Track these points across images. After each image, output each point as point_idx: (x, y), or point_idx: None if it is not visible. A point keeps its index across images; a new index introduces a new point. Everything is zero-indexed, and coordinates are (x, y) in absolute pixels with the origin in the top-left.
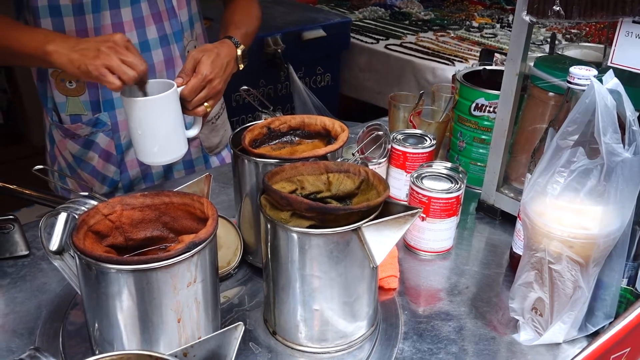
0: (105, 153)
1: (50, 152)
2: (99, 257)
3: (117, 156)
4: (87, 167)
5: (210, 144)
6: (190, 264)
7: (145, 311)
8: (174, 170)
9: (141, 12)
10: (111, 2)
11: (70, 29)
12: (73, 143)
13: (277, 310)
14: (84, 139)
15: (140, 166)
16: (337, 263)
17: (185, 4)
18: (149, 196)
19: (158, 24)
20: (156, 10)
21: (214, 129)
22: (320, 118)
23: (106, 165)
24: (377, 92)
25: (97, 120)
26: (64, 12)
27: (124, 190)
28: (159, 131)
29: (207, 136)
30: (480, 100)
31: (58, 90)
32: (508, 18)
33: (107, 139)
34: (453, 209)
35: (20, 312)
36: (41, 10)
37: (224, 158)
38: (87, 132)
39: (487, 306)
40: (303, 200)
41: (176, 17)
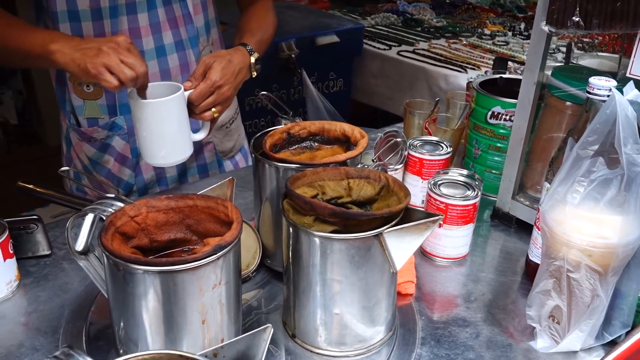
0: (120, 156)
1: (67, 154)
2: (128, 258)
3: (132, 160)
4: (102, 170)
5: (224, 148)
6: (216, 267)
7: (171, 312)
8: (188, 175)
9: (157, 17)
10: (128, 8)
11: (89, 34)
12: (89, 146)
13: (297, 314)
14: (100, 142)
15: (155, 170)
16: (358, 268)
17: (201, 9)
18: (174, 199)
19: (174, 30)
20: (172, 15)
21: (227, 134)
22: (340, 124)
23: (122, 168)
24: (389, 97)
25: (113, 123)
26: (82, 17)
27: (138, 194)
28: (164, 133)
29: (220, 140)
30: (496, 109)
31: (75, 94)
32: (520, 26)
33: (123, 142)
34: (470, 216)
35: (43, 311)
36: (60, 15)
37: (238, 162)
38: (103, 135)
39: (503, 313)
40: (327, 206)
41: (192, 23)
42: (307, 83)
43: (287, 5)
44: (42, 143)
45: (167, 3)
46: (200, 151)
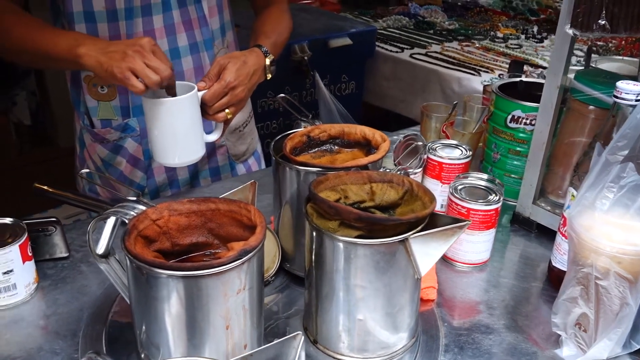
0: (133, 158)
1: (80, 155)
2: (152, 262)
3: (144, 162)
4: (114, 172)
5: (236, 151)
6: (240, 272)
7: (195, 317)
8: (200, 177)
9: (172, 19)
10: (144, 10)
11: (104, 35)
12: (102, 147)
13: (319, 319)
14: (112, 143)
15: (167, 172)
16: (382, 273)
17: (217, 12)
18: (196, 202)
19: (189, 32)
20: (187, 17)
21: (241, 137)
22: (360, 127)
23: (133, 170)
24: (401, 100)
25: (126, 125)
26: (98, 19)
27: (150, 197)
28: (176, 133)
29: (233, 144)
30: (516, 112)
31: (90, 95)
32: (533, 29)
33: (135, 144)
34: (492, 221)
35: (62, 314)
36: (76, 16)
37: (251, 166)
38: (115, 137)
39: (526, 320)
40: (352, 210)
41: (207, 25)
42: (319, 85)
43: (298, 8)
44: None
45: (183, 5)
46: (212, 154)
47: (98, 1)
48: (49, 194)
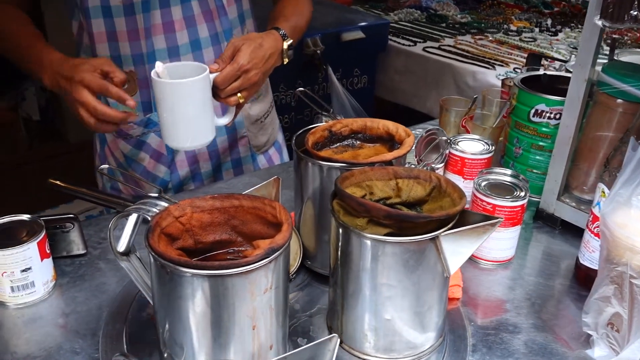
0: (156, 153)
1: (100, 152)
2: (178, 261)
3: (167, 156)
4: (138, 168)
5: (257, 142)
6: (267, 270)
7: (221, 317)
8: (222, 169)
9: (192, 10)
10: (162, 1)
11: (121, 29)
12: (125, 143)
13: (345, 318)
14: (135, 139)
15: (190, 165)
16: (412, 272)
17: (234, 0)
18: (219, 199)
19: (209, 23)
20: (207, 8)
21: (262, 128)
22: (383, 122)
23: (157, 165)
24: (414, 94)
25: (148, 120)
26: (115, 13)
27: (173, 191)
28: (185, 116)
29: (255, 135)
30: (540, 106)
31: None
32: (547, 22)
33: (158, 139)
34: (517, 217)
35: (81, 312)
36: (92, 11)
37: (271, 156)
38: (138, 132)
39: (555, 319)
40: (382, 207)
41: (226, 15)
42: (332, 79)
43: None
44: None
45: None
46: (234, 145)
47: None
48: (63, 189)
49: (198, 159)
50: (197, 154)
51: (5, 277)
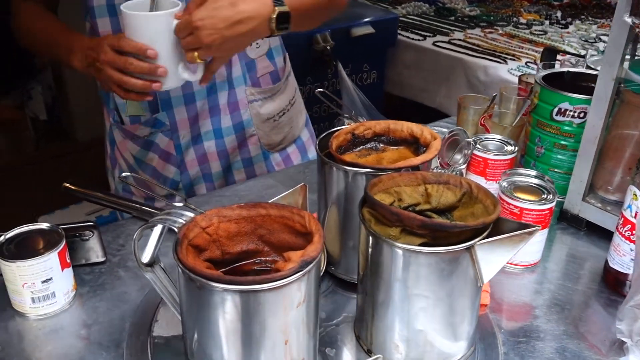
0: (165, 154)
1: (111, 154)
2: (210, 276)
3: (176, 156)
4: (147, 169)
5: (269, 141)
6: (301, 284)
7: (253, 332)
8: (233, 169)
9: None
10: None
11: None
12: (133, 144)
13: (374, 328)
14: (143, 139)
15: (200, 165)
16: (445, 282)
17: None
18: (245, 208)
19: None
20: None
21: (275, 127)
22: (407, 124)
23: (166, 166)
24: (423, 89)
25: (155, 120)
26: (119, 11)
27: (184, 191)
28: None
29: (266, 133)
30: (564, 105)
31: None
32: (556, 14)
33: (166, 139)
34: (545, 220)
35: (103, 323)
36: (97, 10)
37: (289, 155)
38: (146, 132)
39: (586, 325)
40: (416, 217)
41: None
42: (342, 75)
43: None
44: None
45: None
46: (243, 144)
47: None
48: (77, 193)
49: (208, 158)
50: (207, 153)
51: (25, 288)
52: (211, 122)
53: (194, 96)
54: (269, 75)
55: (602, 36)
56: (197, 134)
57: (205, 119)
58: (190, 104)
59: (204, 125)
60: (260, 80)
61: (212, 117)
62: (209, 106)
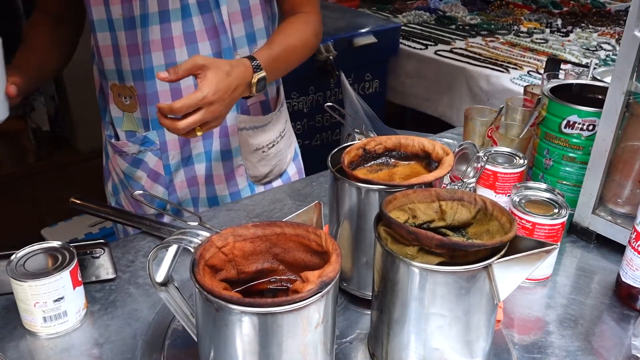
0: (153, 173)
1: (105, 166)
2: (229, 298)
3: (165, 177)
4: (136, 186)
5: (256, 172)
6: (320, 305)
7: (271, 353)
8: (219, 203)
9: (193, 26)
10: (161, 16)
11: (122, 44)
12: (122, 160)
13: (390, 347)
14: (132, 157)
15: (189, 187)
16: (462, 300)
17: (241, 18)
18: (260, 226)
19: (211, 40)
20: (209, 24)
21: (263, 158)
22: (418, 139)
23: (154, 185)
24: (426, 98)
25: (145, 138)
26: (117, 27)
27: (172, 212)
28: None
29: (253, 164)
30: (572, 118)
31: (115, 105)
32: (557, 22)
33: (156, 158)
34: (557, 235)
35: (115, 342)
36: (97, 24)
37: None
38: (134, 150)
39: (601, 340)
40: (434, 236)
41: (226, 33)
42: (345, 85)
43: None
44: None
45: (205, 11)
46: (231, 176)
47: (116, 8)
48: (84, 208)
49: (198, 181)
50: (197, 176)
51: (37, 307)
52: (203, 145)
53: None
54: (260, 104)
55: (603, 44)
56: (187, 156)
57: (197, 141)
58: None
59: (195, 148)
60: (250, 109)
61: (205, 139)
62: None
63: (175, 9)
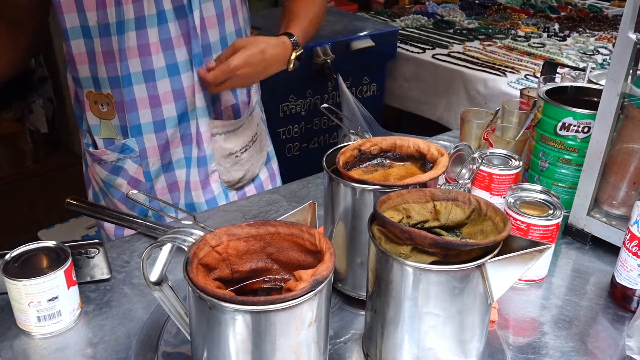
0: (133, 180)
1: (85, 174)
2: (222, 296)
3: (146, 184)
4: (117, 194)
5: (230, 178)
6: (312, 303)
7: (264, 352)
8: (196, 210)
9: (169, 32)
10: (137, 22)
11: (98, 51)
12: (101, 168)
13: (384, 347)
14: (111, 165)
15: (170, 192)
16: (456, 300)
17: (216, 23)
18: (255, 226)
19: (187, 45)
20: (185, 30)
21: (236, 163)
22: (413, 140)
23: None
24: (423, 102)
25: (124, 146)
26: (93, 34)
27: (154, 218)
28: None
29: (227, 169)
30: (567, 120)
31: (92, 112)
32: (554, 27)
33: (136, 165)
34: (552, 236)
35: (110, 342)
36: (71, 32)
37: (246, 193)
38: (113, 158)
39: (595, 341)
40: (427, 235)
41: (197, 38)
42: (343, 89)
43: None
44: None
45: (181, 16)
46: (206, 182)
47: (91, 15)
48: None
49: (178, 186)
50: (178, 182)
51: (31, 307)
52: (183, 150)
53: (164, 123)
54: (231, 108)
55: (600, 48)
56: (168, 162)
57: (177, 147)
58: (160, 131)
59: (175, 153)
60: (223, 113)
61: (184, 145)
62: (181, 134)
63: (151, 14)
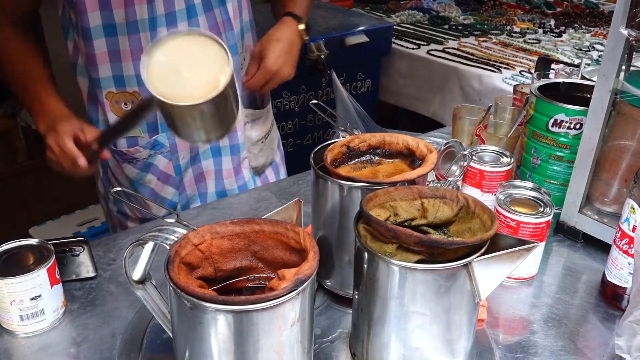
0: (164, 175)
1: (104, 177)
2: (203, 296)
3: (176, 177)
4: (145, 191)
5: (257, 164)
6: (295, 303)
7: (246, 352)
8: (228, 194)
9: (199, 25)
10: (168, 18)
11: (125, 49)
12: (131, 167)
13: (370, 346)
14: (142, 162)
15: (197, 183)
16: (442, 299)
17: (238, 13)
18: (239, 224)
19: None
20: (213, 22)
21: (262, 149)
22: (402, 137)
23: (165, 187)
24: (418, 98)
25: (155, 142)
26: (119, 32)
27: (181, 208)
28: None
29: (255, 156)
30: (559, 116)
31: (113, 113)
32: (550, 23)
33: (166, 160)
34: (542, 233)
35: (93, 341)
36: (94, 32)
37: (267, 177)
38: (145, 155)
39: (584, 340)
40: (413, 234)
41: (232, 29)
42: (337, 85)
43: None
44: None
45: (208, 9)
46: (238, 170)
47: (119, 13)
48: None
49: (205, 176)
50: (204, 172)
51: (14, 305)
52: None
53: None
54: (259, 97)
55: (596, 45)
56: (195, 154)
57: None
58: None
59: (202, 145)
60: (253, 101)
61: None
62: None
63: (181, 9)
